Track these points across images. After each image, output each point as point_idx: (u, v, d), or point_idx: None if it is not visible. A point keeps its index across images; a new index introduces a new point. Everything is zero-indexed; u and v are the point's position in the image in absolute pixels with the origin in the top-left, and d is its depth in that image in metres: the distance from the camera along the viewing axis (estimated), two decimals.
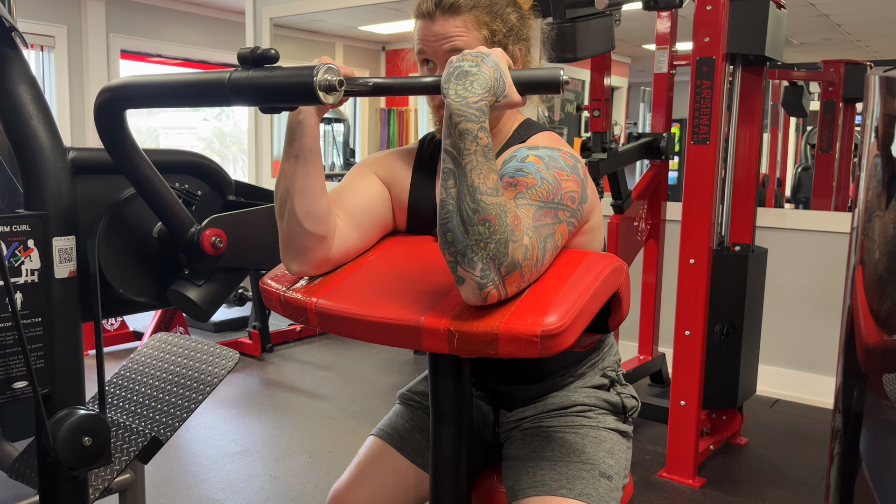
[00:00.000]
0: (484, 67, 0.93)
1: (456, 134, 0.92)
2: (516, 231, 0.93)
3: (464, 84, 0.92)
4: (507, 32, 1.18)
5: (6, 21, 0.97)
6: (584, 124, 6.62)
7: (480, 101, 0.92)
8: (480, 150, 0.92)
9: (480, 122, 0.92)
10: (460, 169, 0.92)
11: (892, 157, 1.18)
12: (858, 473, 1.27)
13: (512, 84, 0.96)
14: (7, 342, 1.00)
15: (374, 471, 1.34)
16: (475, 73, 0.93)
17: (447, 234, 0.93)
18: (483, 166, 0.92)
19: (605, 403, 1.30)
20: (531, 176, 1.03)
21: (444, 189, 0.94)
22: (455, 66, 0.94)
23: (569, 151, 1.13)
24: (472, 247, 0.91)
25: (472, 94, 0.92)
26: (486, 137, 0.92)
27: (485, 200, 0.91)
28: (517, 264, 0.93)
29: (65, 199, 1.04)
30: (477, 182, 0.91)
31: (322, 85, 0.83)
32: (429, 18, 1.16)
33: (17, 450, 1.42)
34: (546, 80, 0.95)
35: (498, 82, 0.94)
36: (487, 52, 0.96)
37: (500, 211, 0.91)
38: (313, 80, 0.82)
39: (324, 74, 0.83)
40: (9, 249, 0.98)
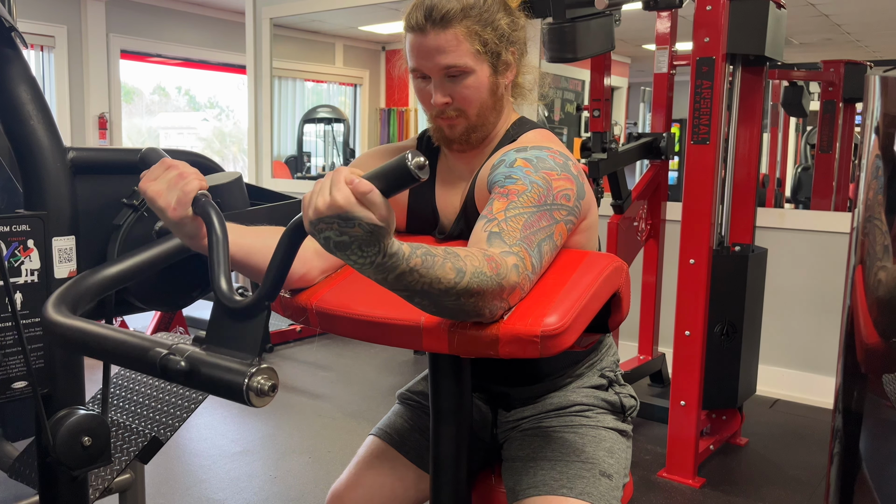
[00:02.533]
0: (351, 231, 0.78)
1: (392, 283, 0.86)
2: (500, 269, 0.92)
3: (353, 252, 0.80)
4: (498, 40, 1.17)
5: (6, 21, 0.97)
6: (584, 124, 6.61)
7: (381, 254, 0.81)
8: (422, 270, 0.85)
9: (402, 259, 0.83)
10: (420, 292, 0.88)
11: (893, 157, 1.18)
12: (858, 473, 1.27)
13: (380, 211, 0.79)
14: (7, 342, 1.00)
15: (374, 470, 1.34)
16: (349, 241, 0.79)
17: (444, 316, 0.95)
18: (436, 274, 0.86)
19: (604, 403, 1.30)
20: (520, 182, 1.03)
21: (416, 304, 0.91)
22: (322, 238, 0.80)
23: (558, 150, 1.13)
24: (472, 312, 0.92)
25: (370, 255, 0.80)
26: (416, 258, 0.85)
27: (459, 287, 0.88)
28: (515, 285, 0.95)
29: (65, 199, 1.04)
30: (442, 286, 0.87)
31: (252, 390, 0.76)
32: (420, 32, 1.14)
33: (17, 450, 1.41)
34: (395, 176, 0.78)
35: (373, 231, 0.78)
36: (327, 205, 0.77)
37: (478, 278, 0.89)
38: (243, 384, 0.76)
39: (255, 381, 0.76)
40: (9, 249, 0.98)
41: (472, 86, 1.15)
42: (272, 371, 0.77)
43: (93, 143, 6.16)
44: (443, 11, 1.12)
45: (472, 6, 1.13)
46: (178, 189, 0.94)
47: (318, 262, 1.16)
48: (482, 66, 1.16)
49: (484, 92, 1.17)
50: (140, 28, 6.45)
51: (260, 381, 0.75)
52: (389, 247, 0.81)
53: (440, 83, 1.16)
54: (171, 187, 0.95)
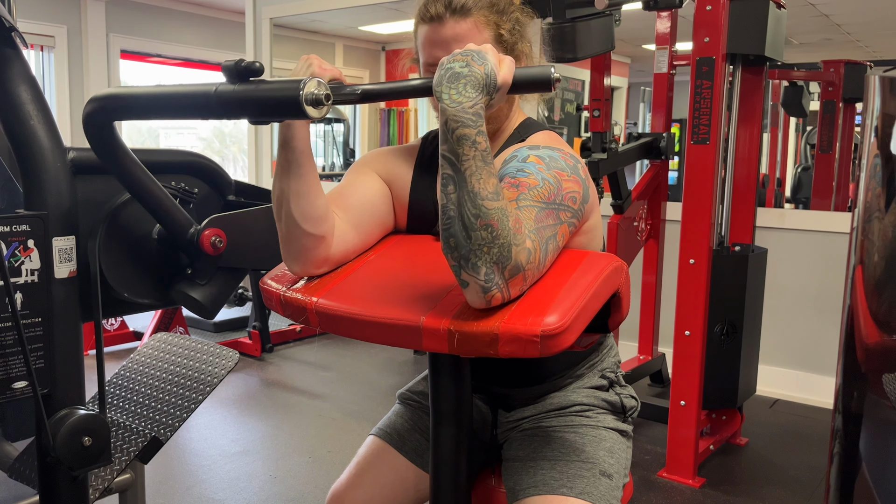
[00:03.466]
0: (475, 66, 0.91)
1: (454, 139, 0.90)
2: (518, 234, 0.93)
3: (457, 87, 0.91)
4: (512, 30, 1.18)
5: (6, 21, 0.97)
6: (584, 124, 6.61)
7: (475, 104, 0.90)
8: (479, 154, 0.91)
9: (478, 127, 0.90)
10: (459, 174, 0.91)
11: (892, 156, 1.18)
12: (858, 473, 1.27)
13: (505, 72, 0.94)
14: (7, 342, 1.00)
15: (374, 470, 1.34)
16: (467, 74, 0.91)
17: (450, 240, 0.92)
18: (482, 171, 0.91)
19: (605, 403, 1.30)
20: (532, 177, 1.03)
21: (444, 195, 0.93)
22: (446, 67, 0.92)
23: (569, 152, 1.13)
24: (476, 251, 0.90)
25: (466, 98, 0.90)
26: (484, 142, 0.91)
27: (486, 205, 0.90)
28: (520, 267, 0.93)
29: (65, 199, 1.04)
30: (477, 187, 0.90)
31: (308, 99, 0.82)
32: (437, 21, 1.15)
33: (17, 450, 1.42)
34: (538, 77, 0.94)
35: (489, 78, 0.91)
36: (476, 48, 0.94)
37: (502, 215, 0.91)
38: (299, 94, 0.82)
39: (311, 89, 0.82)
40: (9, 249, 0.98)
41: None
42: (322, 81, 0.83)
43: None
44: (461, 1, 1.13)
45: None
46: None
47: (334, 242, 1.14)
48: None
49: None
50: (140, 28, 6.45)
51: (314, 92, 0.82)
52: (481, 108, 0.91)
53: None
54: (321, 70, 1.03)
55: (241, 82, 0.87)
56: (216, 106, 0.88)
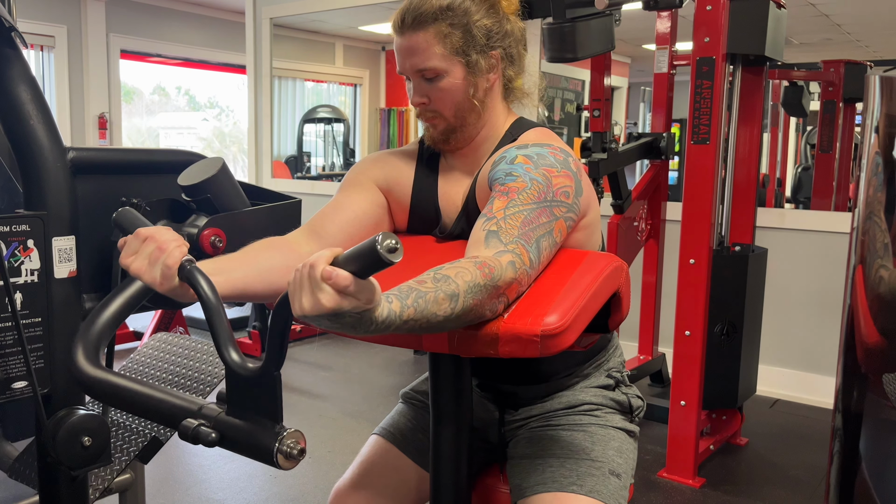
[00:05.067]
0: (339, 320, 0.79)
1: (393, 332, 0.86)
2: (495, 272, 0.94)
3: (347, 330, 0.82)
4: (472, 43, 1.16)
5: (6, 21, 0.97)
6: (584, 124, 6.61)
7: (374, 324, 0.81)
8: (417, 316, 0.86)
9: (397, 317, 0.84)
10: (422, 328, 0.88)
11: (893, 156, 1.18)
12: (858, 473, 1.27)
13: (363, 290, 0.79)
14: (7, 342, 1.00)
15: (376, 470, 1.34)
16: (340, 326, 0.81)
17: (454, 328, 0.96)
18: (431, 310, 0.87)
19: (613, 402, 1.30)
20: (520, 179, 1.04)
21: (419, 332, 0.91)
22: (317, 324, 0.82)
23: (559, 146, 1.14)
24: (475, 319, 0.94)
25: (364, 328, 0.81)
26: (409, 308, 0.85)
27: (457, 311, 0.89)
28: (512, 280, 0.96)
29: (65, 199, 1.04)
30: (441, 318, 0.88)
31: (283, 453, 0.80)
32: (399, 34, 1.18)
33: (17, 450, 1.41)
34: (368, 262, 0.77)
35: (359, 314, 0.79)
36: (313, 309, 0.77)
37: (473, 292, 0.90)
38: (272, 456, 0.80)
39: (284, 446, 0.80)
40: (9, 249, 0.98)
41: (446, 88, 1.17)
42: (300, 434, 0.81)
43: (93, 143, 6.16)
44: (415, 14, 1.15)
45: (446, 8, 1.15)
46: (161, 263, 0.92)
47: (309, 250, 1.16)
48: (455, 68, 1.17)
49: (458, 94, 1.18)
50: (140, 28, 6.45)
51: (289, 445, 0.80)
52: (380, 316, 0.81)
53: (417, 84, 1.19)
54: (152, 262, 0.93)
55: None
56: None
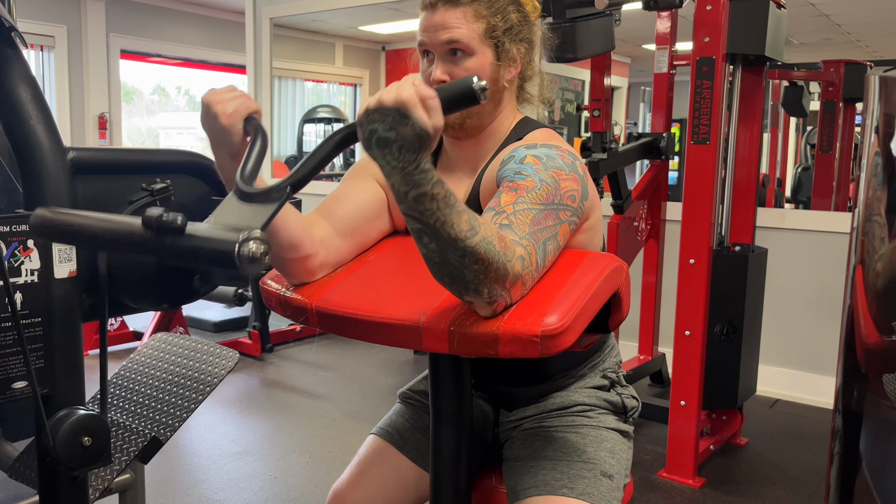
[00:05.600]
0: (400, 129, 0.82)
1: (411, 201, 0.86)
2: (507, 251, 0.93)
3: (392, 153, 0.83)
4: (506, 29, 1.18)
5: (6, 21, 0.97)
6: (584, 124, 6.62)
7: (415, 164, 0.84)
8: (441, 203, 0.86)
9: (430, 181, 0.85)
10: (430, 228, 0.88)
11: (893, 156, 1.18)
12: (858, 473, 1.27)
13: (436, 119, 0.84)
14: (7, 342, 0.99)
15: (375, 470, 1.34)
16: (394, 138, 0.83)
17: (444, 279, 0.93)
18: (451, 216, 0.87)
19: (606, 403, 1.30)
20: (530, 178, 1.03)
21: (422, 246, 0.91)
22: (369, 130, 0.84)
23: (567, 149, 1.13)
24: (472, 283, 0.91)
25: (405, 161, 0.83)
26: (441, 189, 0.86)
27: (468, 244, 0.88)
28: (518, 276, 0.94)
29: (65, 199, 1.04)
30: (453, 233, 0.87)
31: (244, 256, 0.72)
32: (431, 9, 1.17)
33: (17, 450, 1.41)
34: (460, 92, 0.85)
35: (421, 136, 0.82)
36: (394, 98, 0.83)
37: (487, 245, 0.90)
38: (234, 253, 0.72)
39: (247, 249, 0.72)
40: (9, 249, 0.98)
41: (472, 68, 1.17)
42: (265, 238, 0.73)
43: (93, 143, 6.16)
44: None
45: None
46: (238, 102, 0.98)
47: (322, 252, 1.16)
48: (485, 50, 1.17)
49: (483, 77, 1.17)
50: (140, 28, 6.45)
51: (251, 247, 0.72)
52: (424, 162, 0.84)
53: (441, 60, 1.18)
54: (231, 99, 0.98)
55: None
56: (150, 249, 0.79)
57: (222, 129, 0.98)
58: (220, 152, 1.01)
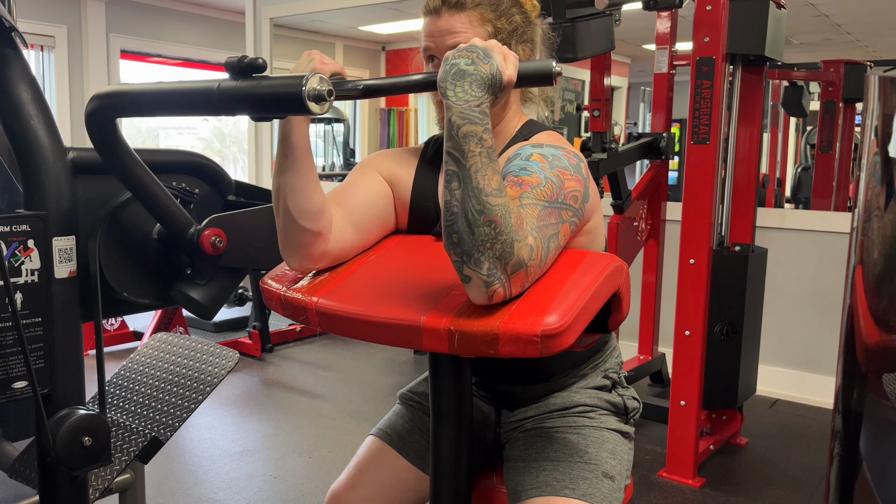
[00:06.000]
0: (480, 65, 0.91)
1: (459, 136, 0.91)
2: (520, 231, 0.93)
3: (462, 85, 0.91)
4: (510, 32, 1.19)
5: (6, 21, 0.97)
6: (584, 124, 6.62)
7: (482, 102, 0.91)
8: (485, 151, 0.91)
9: (484, 125, 0.91)
10: (464, 171, 0.91)
11: (892, 156, 1.18)
12: (858, 474, 1.27)
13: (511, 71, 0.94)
14: (7, 342, 1.00)
15: (373, 471, 1.34)
16: (472, 72, 0.91)
17: (453, 236, 0.93)
18: (487, 168, 0.91)
19: (607, 404, 1.30)
20: (535, 175, 1.03)
21: (448, 191, 0.93)
22: (451, 63, 0.92)
23: (572, 150, 1.14)
24: (479, 247, 0.91)
25: (472, 96, 0.91)
26: (490, 139, 0.92)
27: (490, 202, 0.90)
28: (523, 263, 0.93)
29: (65, 199, 1.04)
30: (482, 184, 0.91)
31: (311, 95, 0.82)
32: (435, 14, 1.18)
33: (17, 450, 1.41)
34: (539, 71, 0.95)
35: (495, 78, 0.92)
36: (482, 44, 0.94)
37: (505, 212, 0.91)
38: (302, 90, 0.82)
39: (313, 84, 0.82)
40: (9, 249, 0.98)
41: None
42: (324, 77, 0.83)
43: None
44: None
45: None
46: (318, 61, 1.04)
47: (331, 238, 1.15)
48: None
49: None
50: (140, 28, 6.45)
51: (316, 88, 0.82)
52: (487, 105, 0.92)
53: None
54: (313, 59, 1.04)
55: (244, 78, 0.87)
56: (218, 102, 0.88)
57: None
58: None
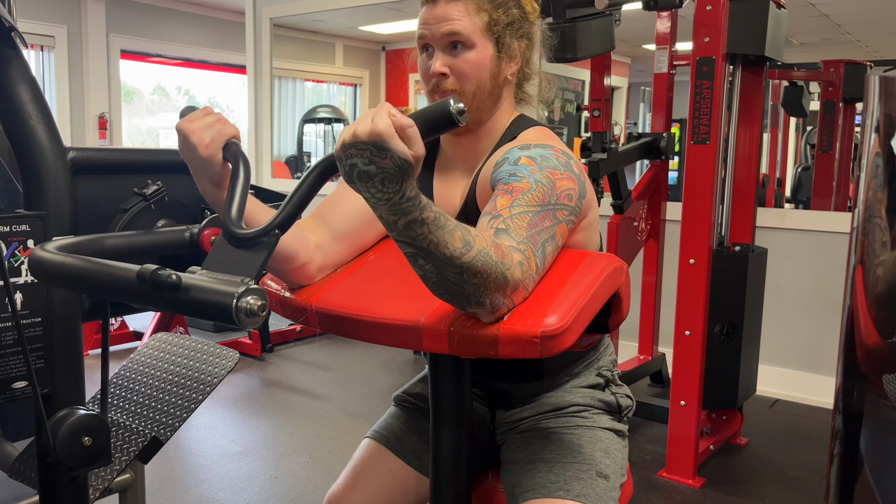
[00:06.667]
0: (380, 162, 0.79)
1: (402, 229, 0.85)
2: (505, 260, 0.92)
3: (374, 186, 0.81)
4: (507, 24, 1.18)
5: (6, 21, 0.97)
6: (584, 124, 6.61)
7: (401, 194, 0.82)
8: (433, 226, 0.85)
9: (418, 206, 0.84)
10: (425, 251, 0.87)
11: (893, 156, 1.18)
12: (859, 474, 1.27)
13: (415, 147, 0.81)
14: (7, 342, 1.00)
15: (370, 474, 1.33)
16: (376, 171, 0.80)
17: (444, 297, 0.93)
18: (443, 236, 0.86)
19: (601, 403, 1.30)
20: (525, 180, 1.03)
21: (417, 268, 0.90)
22: (349, 164, 0.81)
23: (561, 148, 1.13)
24: (473, 297, 0.91)
25: (390, 192, 0.81)
26: (430, 212, 0.85)
27: (465, 261, 0.87)
28: (518, 282, 0.94)
29: (65, 199, 1.04)
30: (448, 252, 0.87)
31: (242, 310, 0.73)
32: (432, 3, 1.17)
33: (17, 450, 1.41)
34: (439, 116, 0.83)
35: (402, 166, 0.80)
36: (367, 131, 0.79)
37: (483, 257, 0.89)
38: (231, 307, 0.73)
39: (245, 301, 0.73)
40: (9, 249, 0.98)
41: (472, 61, 1.16)
42: (263, 292, 0.74)
43: (93, 143, 6.16)
44: None
45: None
46: (215, 130, 0.96)
47: (319, 257, 1.16)
48: (486, 43, 1.17)
49: (484, 72, 1.17)
50: (140, 28, 6.45)
51: (249, 302, 0.73)
52: (410, 190, 0.82)
53: (442, 53, 1.17)
54: (207, 127, 0.96)
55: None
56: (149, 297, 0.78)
57: (202, 161, 0.96)
58: (201, 180, 0.99)
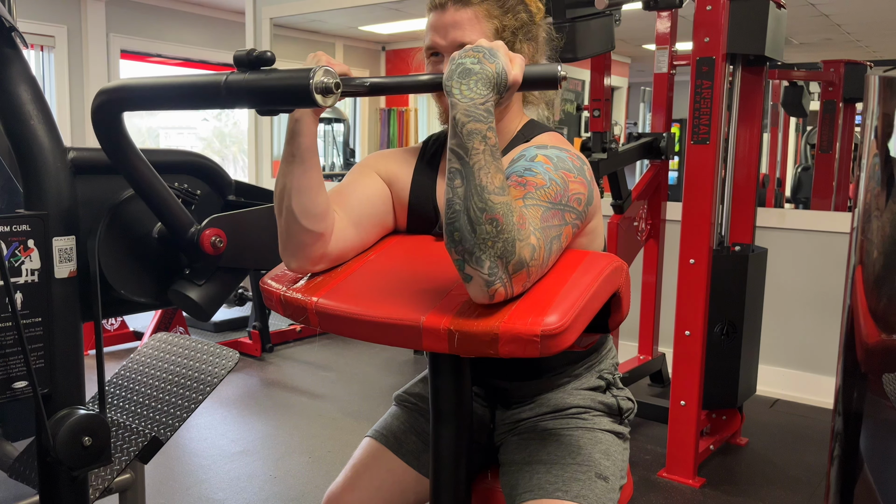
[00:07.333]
0: (486, 64, 0.92)
1: (464, 134, 0.91)
2: (522, 230, 0.93)
3: (468, 83, 0.92)
4: (516, 29, 1.19)
5: (6, 21, 0.97)
6: (584, 124, 6.62)
7: (486, 101, 0.92)
8: (489, 149, 0.92)
9: (489, 122, 0.92)
10: (468, 168, 0.92)
11: (892, 156, 1.18)
12: (859, 474, 1.27)
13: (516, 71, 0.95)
14: (7, 342, 1.00)
15: (370, 473, 1.33)
16: (478, 70, 0.92)
17: (454, 234, 0.93)
18: (491, 165, 0.92)
19: (601, 405, 1.30)
20: (540, 176, 1.03)
21: (450, 188, 0.93)
22: (457, 63, 0.93)
23: (575, 153, 1.14)
24: (480, 245, 0.91)
25: (477, 94, 0.91)
26: (494, 137, 0.92)
27: (492, 199, 0.91)
28: (524, 263, 0.93)
29: (65, 199, 1.04)
30: (485, 181, 0.91)
31: (318, 87, 0.83)
32: (441, 9, 1.18)
33: (17, 450, 1.41)
34: (544, 75, 0.95)
35: (500, 77, 0.93)
36: (488, 45, 0.95)
37: (507, 210, 0.92)
38: (309, 82, 0.82)
39: (320, 77, 0.83)
40: (9, 249, 0.98)
41: None
42: (332, 70, 0.84)
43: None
44: None
45: None
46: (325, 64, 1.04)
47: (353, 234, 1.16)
48: None
49: None
50: (140, 28, 6.45)
51: (323, 80, 0.83)
52: (491, 104, 0.93)
53: None
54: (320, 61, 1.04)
55: (252, 71, 0.87)
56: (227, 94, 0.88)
57: None
58: None
